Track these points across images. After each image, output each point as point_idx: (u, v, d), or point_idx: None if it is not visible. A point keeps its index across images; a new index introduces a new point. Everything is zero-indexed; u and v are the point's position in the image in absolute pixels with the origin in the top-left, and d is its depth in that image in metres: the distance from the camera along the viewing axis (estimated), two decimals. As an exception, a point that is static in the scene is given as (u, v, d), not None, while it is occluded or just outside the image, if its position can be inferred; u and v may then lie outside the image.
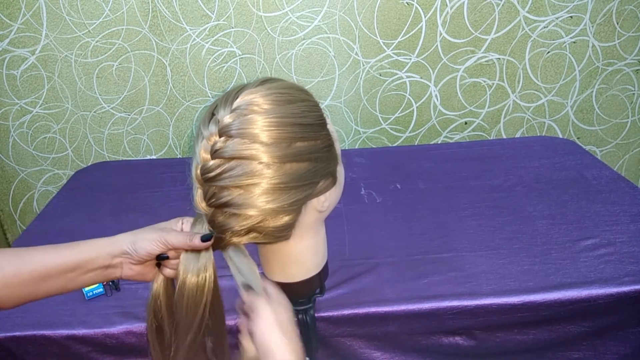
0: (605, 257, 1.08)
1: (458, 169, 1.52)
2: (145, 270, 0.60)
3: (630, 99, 1.85)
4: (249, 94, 0.57)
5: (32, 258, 0.56)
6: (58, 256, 0.56)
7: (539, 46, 1.74)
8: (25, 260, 0.55)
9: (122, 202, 1.45)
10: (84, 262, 0.57)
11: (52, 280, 0.56)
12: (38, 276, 0.55)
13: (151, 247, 0.58)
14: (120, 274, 0.59)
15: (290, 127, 0.56)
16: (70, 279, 0.57)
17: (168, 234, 0.58)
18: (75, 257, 0.57)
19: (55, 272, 0.56)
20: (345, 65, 1.75)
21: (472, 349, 1.04)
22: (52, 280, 0.56)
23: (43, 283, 0.56)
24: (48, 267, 0.55)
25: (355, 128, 1.87)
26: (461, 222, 1.24)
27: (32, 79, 1.74)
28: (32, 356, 0.99)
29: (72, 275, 0.57)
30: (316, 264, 0.72)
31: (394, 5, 1.66)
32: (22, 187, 1.94)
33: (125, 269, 0.59)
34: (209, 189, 0.57)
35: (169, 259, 0.60)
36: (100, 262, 0.58)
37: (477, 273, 1.06)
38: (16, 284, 0.54)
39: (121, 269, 0.59)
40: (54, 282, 0.56)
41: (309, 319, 0.84)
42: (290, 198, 0.58)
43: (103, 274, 0.59)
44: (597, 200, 1.30)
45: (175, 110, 1.82)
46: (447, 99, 1.82)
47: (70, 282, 0.57)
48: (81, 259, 0.57)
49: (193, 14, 1.66)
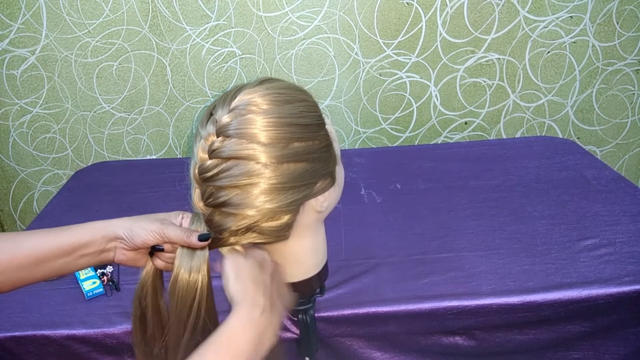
0: (605, 257, 1.08)
1: (458, 169, 1.52)
2: (137, 257, 0.61)
3: (630, 99, 1.85)
4: (247, 94, 0.57)
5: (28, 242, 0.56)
6: (53, 240, 0.56)
7: (539, 46, 1.74)
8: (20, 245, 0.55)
9: (122, 202, 1.45)
10: (80, 246, 0.57)
11: (48, 264, 0.56)
12: (34, 260, 0.55)
13: (148, 237, 0.58)
14: (113, 258, 0.60)
15: (288, 127, 0.56)
16: (65, 263, 0.57)
17: (167, 227, 0.58)
18: (71, 240, 0.57)
19: (51, 256, 0.56)
20: (345, 65, 1.75)
21: (472, 349, 1.04)
22: (47, 264, 0.56)
23: (39, 267, 0.56)
24: (44, 251, 0.56)
25: (355, 128, 1.87)
26: (461, 222, 1.24)
27: (32, 79, 1.74)
28: (32, 356, 0.99)
29: (67, 259, 0.57)
30: (316, 264, 0.72)
31: (394, 5, 1.66)
32: (22, 187, 1.94)
33: (118, 254, 0.59)
34: (206, 189, 0.57)
35: (163, 251, 0.60)
36: (95, 246, 0.58)
37: (477, 273, 1.06)
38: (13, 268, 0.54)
39: (114, 252, 0.59)
40: (50, 265, 0.56)
41: (309, 319, 0.84)
42: (288, 198, 0.58)
43: (97, 258, 0.59)
44: (597, 200, 1.30)
45: (175, 110, 1.82)
46: (447, 99, 1.82)
47: (65, 265, 0.57)
48: (76, 243, 0.57)
49: (193, 14, 1.66)
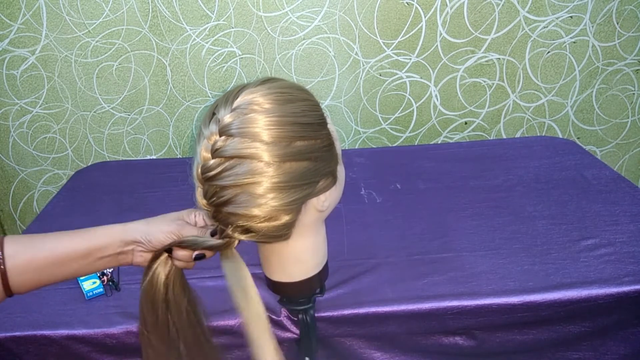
0: (605, 257, 1.08)
1: (458, 169, 1.52)
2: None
3: (630, 99, 1.85)
4: (250, 94, 0.57)
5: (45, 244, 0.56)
6: (70, 243, 0.57)
7: (539, 46, 1.74)
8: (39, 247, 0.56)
9: (122, 202, 1.45)
10: (96, 249, 0.58)
11: (65, 266, 0.56)
12: (52, 262, 0.56)
13: (165, 238, 0.60)
14: (132, 261, 0.61)
15: (290, 126, 0.56)
16: (82, 265, 0.58)
17: (183, 228, 0.60)
18: (87, 244, 0.57)
19: (67, 258, 0.56)
20: (345, 65, 1.75)
21: (472, 349, 1.04)
22: (65, 266, 0.56)
23: (56, 269, 0.56)
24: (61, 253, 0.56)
25: (355, 128, 1.87)
26: (461, 222, 1.24)
27: (32, 79, 1.74)
28: (32, 356, 0.99)
29: (84, 262, 0.57)
30: (316, 263, 0.72)
31: (394, 5, 1.66)
32: (22, 187, 1.94)
33: (136, 256, 0.61)
34: (209, 188, 0.58)
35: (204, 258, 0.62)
36: (112, 249, 0.59)
37: (477, 273, 1.06)
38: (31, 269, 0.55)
39: (132, 255, 0.60)
40: (67, 267, 0.57)
41: (309, 319, 0.84)
42: (289, 197, 0.58)
43: (115, 260, 0.60)
44: (597, 200, 1.30)
45: (175, 110, 1.82)
46: (447, 99, 1.82)
47: (82, 267, 0.58)
48: (93, 246, 0.58)
49: (193, 14, 1.66)
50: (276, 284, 0.72)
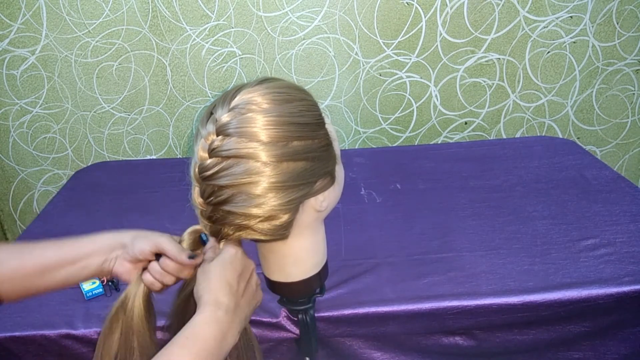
0: (605, 257, 1.08)
1: (458, 169, 1.52)
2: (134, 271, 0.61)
3: (630, 99, 1.85)
4: (247, 93, 0.57)
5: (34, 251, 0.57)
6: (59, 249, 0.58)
7: (539, 46, 1.74)
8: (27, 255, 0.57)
9: (122, 202, 1.45)
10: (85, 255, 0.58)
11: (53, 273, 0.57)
12: (40, 269, 0.56)
13: (144, 246, 0.59)
14: (112, 268, 0.60)
15: (287, 125, 0.56)
16: (70, 273, 0.58)
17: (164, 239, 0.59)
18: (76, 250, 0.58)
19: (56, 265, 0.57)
20: (345, 65, 1.75)
21: (472, 349, 1.04)
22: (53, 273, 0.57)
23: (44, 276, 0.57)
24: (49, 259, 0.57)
25: (355, 128, 1.87)
26: (461, 222, 1.24)
27: (32, 79, 1.74)
28: (32, 356, 0.99)
29: (71, 268, 0.58)
30: (315, 263, 0.72)
31: (394, 5, 1.66)
32: (22, 187, 1.94)
33: (117, 264, 0.60)
34: (206, 188, 0.58)
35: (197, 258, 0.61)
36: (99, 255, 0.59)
37: (477, 273, 1.06)
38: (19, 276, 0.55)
39: (114, 262, 0.60)
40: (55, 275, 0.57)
41: (309, 319, 0.84)
42: (287, 197, 0.58)
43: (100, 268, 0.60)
44: (597, 200, 1.30)
45: (175, 110, 1.82)
46: (447, 99, 1.82)
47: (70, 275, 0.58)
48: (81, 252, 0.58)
49: (193, 14, 1.66)
50: (275, 284, 0.72)
